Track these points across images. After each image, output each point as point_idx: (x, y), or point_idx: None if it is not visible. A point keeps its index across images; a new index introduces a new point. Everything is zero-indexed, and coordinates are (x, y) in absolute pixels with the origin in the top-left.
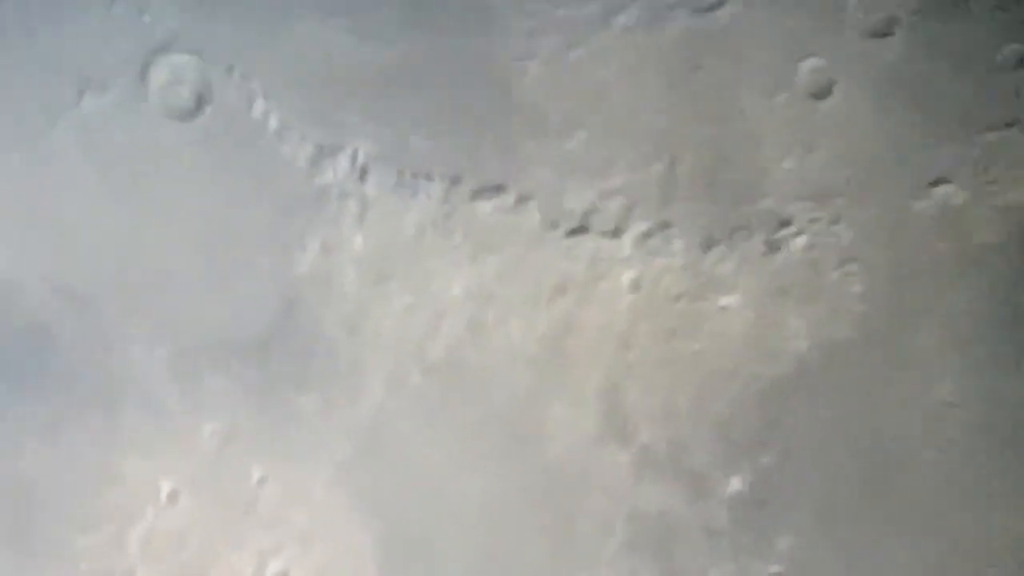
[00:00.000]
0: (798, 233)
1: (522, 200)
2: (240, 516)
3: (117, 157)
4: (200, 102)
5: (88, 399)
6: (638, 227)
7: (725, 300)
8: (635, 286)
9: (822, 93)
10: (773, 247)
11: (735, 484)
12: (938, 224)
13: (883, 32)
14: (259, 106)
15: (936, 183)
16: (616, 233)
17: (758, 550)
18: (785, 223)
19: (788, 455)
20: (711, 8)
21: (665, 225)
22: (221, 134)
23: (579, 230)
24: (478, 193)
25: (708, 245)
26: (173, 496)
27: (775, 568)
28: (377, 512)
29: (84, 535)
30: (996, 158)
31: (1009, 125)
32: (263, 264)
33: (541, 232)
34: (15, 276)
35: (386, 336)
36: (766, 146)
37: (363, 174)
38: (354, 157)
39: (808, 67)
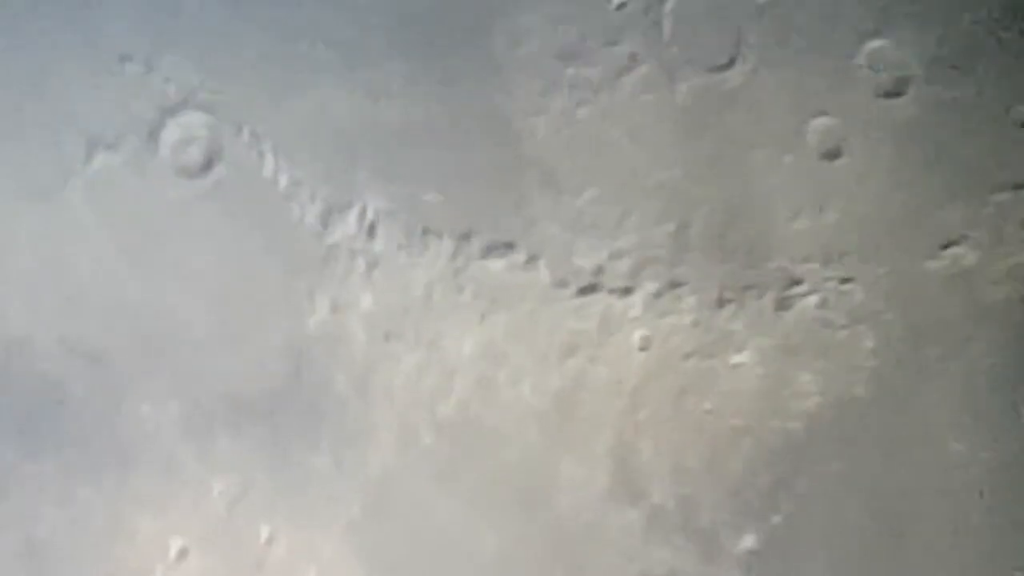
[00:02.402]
0: (809, 292)
1: (532, 258)
2: (249, 574)
3: (128, 215)
4: (210, 160)
5: (99, 457)
6: (649, 285)
7: (736, 358)
8: (646, 344)
9: (833, 153)
10: (784, 306)
11: (747, 542)
12: (949, 284)
13: (894, 92)
14: (269, 164)
15: (947, 243)
16: (627, 291)
17: None
18: (796, 282)
19: (800, 513)
20: (721, 67)
21: (676, 283)
22: (231, 192)
23: (590, 288)
24: (488, 251)
25: (719, 303)
26: (183, 554)
27: None
28: (387, 571)
29: None
30: (1007, 218)
31: (1020, 186)
32: (273, 322)
33: (551, 290)
34: (27, 333)
35: (396, 394)
36: (777, 205)
37: (372, 232)
38: (363, 215)
39: (819, 126)
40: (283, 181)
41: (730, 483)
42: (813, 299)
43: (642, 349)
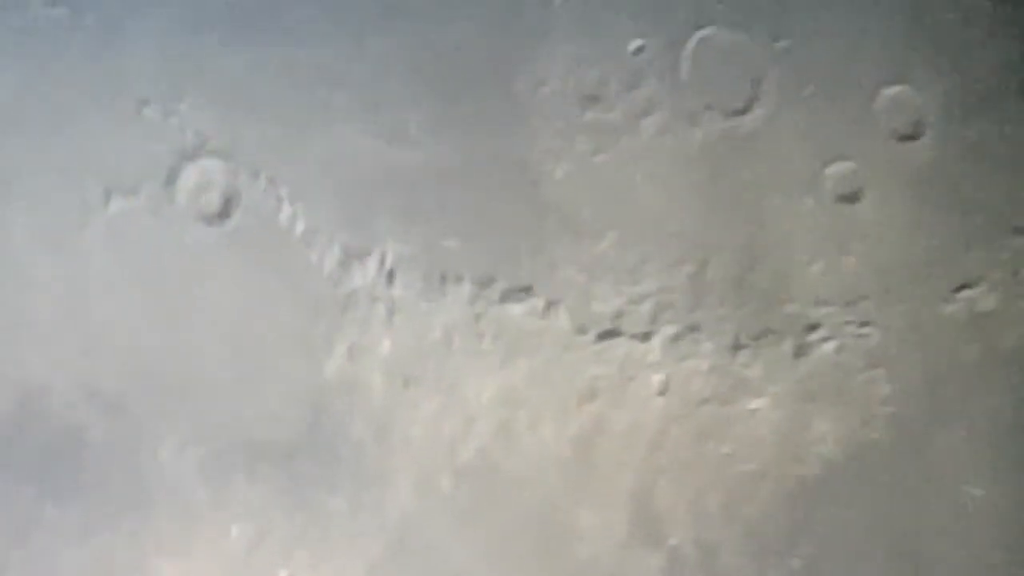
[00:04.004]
0: (827, 337)
1: (551, 303)
2: None
3: (146, 260)
4: (228, 206)
5: (118, 501)
6: (667, 330)
7: (754, 403)
8: (664, 389)
9: (851, 196)
10: (802, 350)
11: None
12: (966, 328)
13: (912, 135)
14: (286, 210)
15: (965, 287)
16: (646, 336)
17: None
18: (814, 327)
19: (818, 558)
20: (739, 111)
21: (694, 328)
22: (249, 238)
23: (609, 333)
24: (507, 296)
25: (737, 348)
26: None
27: None
28: None
29: None
30: None
31: None
32: (291, 368)
33: (571, 335)
34: (46, 379)
35: (415, 439)
36: (795, 249)
37: (391, 277)
38: (382, 260)
39: (837, 170)
40: (300, 227)
41: (749, 527)
42: (830, 344)
43: (660, 394)
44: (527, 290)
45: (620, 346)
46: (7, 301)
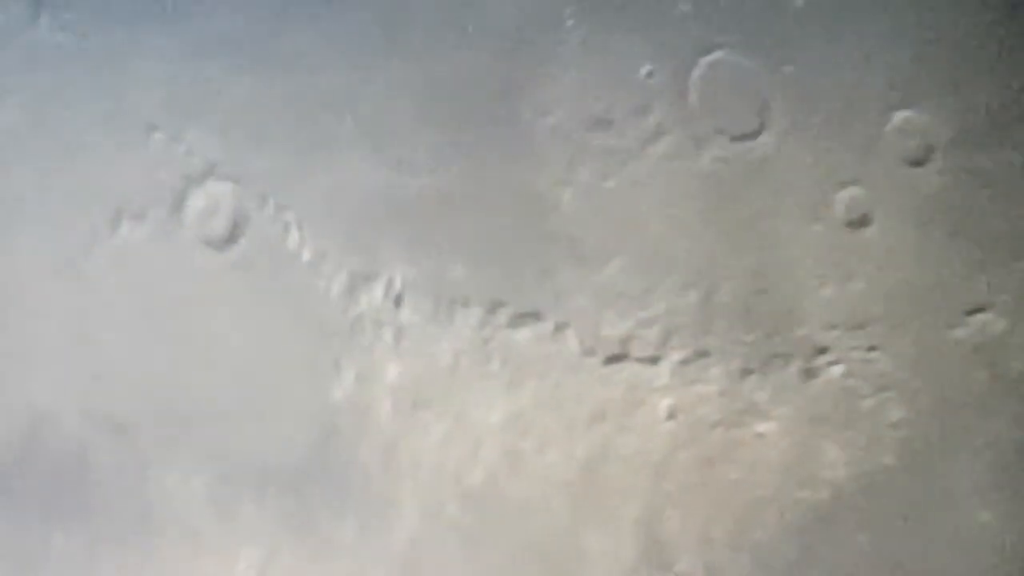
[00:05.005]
0: (835, 361)
1: (559, 327)
2: None
3: (154, 285)
4: (235, 231)
5: (125, 528)
6: (675, 355)
7: (762, 428)
8: (672, 414)
9: (860, 222)
10: (810, 375)
11: None
12: (976, 352)
13: (920, 160)
14: (294, 236)
15: (974, 311)
16: (654, 361)
17: None
18: (822, 351)
19: None
20: (748, 137)
21: (702, 353)
22: (256, 263)
23: (617, 358)
24: (515, 320)
25: (745, 373)
26: None
27: None
28: None
29: None
30: None
31: None
32: (299, 393)
33: (578, 360)
34: (53, 405)
35: (422, 464)
36: (804, 274)
37: (398, 302)
38: (389, 285)
39: (846, 196)
40: (308, 252)
41: (757, 553)
42: (839, 368)
43: (668, 418)
44: (535, 315)
45: (628, 370)
46: (14, 326)
